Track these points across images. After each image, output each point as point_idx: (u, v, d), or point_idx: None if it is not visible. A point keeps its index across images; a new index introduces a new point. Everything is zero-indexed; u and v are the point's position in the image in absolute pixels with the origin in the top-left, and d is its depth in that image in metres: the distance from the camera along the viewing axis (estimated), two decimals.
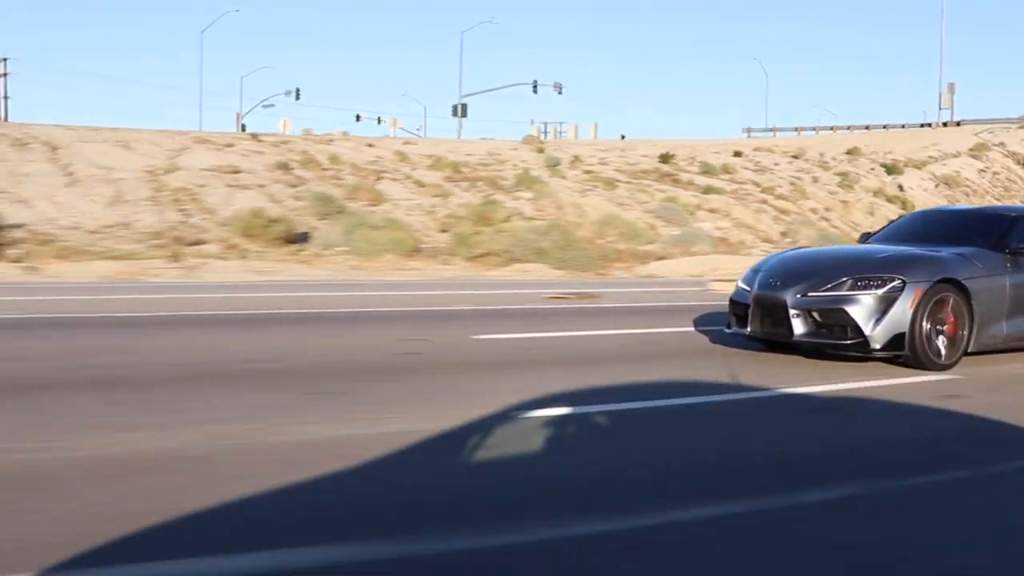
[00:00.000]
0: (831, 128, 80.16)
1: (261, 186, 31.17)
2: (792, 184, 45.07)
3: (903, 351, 8.16)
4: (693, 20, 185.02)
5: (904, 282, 8.21)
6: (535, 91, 69.58)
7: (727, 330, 9.33)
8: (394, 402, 6.59)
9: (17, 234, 21.97)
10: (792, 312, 8.44)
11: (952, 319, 8.35)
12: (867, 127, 76.80)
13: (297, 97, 76.05)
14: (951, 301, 8.33)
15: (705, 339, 10.20)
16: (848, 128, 78.51)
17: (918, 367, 8.17)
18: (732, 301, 9.25)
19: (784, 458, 5.26)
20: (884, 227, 10.73)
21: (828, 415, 6.53)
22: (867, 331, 8.14)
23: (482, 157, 42.58)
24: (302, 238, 24.43)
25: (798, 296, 8.46)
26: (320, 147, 39.75)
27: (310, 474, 4.59)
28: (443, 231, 26.90)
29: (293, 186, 31.58)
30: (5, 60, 60.82)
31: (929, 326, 8.22)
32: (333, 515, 4.07)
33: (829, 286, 8.41)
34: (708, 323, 11.24)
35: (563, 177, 39.28)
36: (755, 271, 9.27)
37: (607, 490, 4.53)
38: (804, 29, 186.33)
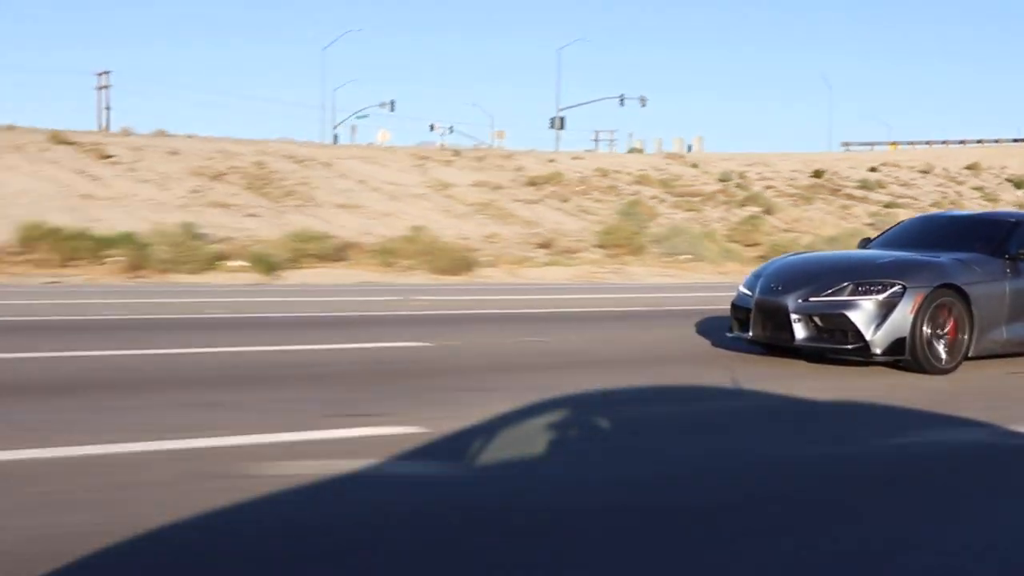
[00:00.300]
0: (928, 143, 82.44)
1: (534, 202, 33.97)
2: (945, 198, 46.46)
3: (904, 356, 8.24)
4: (756, 38, 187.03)
5: (904, 287, 8.29)
6: (622, 104, 71.08)
7: (729, 334, 9.39)
8: None
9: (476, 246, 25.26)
10: (794, 317, 8.52)
11: (952, 324, 8.43)
12: (962, 142, 78.78)
13: (392, 108, 77.41)
14: (951, 306, 8.41)
15: None
16: (944, 143, 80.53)
17: (919, 371, 8.25)
18: (734, 305, 9.32)
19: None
20: (884, 232, 10.82)
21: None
22: (868, 336, 8.22)
23: (652, 172, 43.78)
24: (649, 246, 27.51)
25: (799, 301, 8.54)
26: (510, 161, 41.16)
27: None
28: (734, 241, 30.18)
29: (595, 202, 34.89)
30: (107, 73, 62.87)
31: (929, 331, 8.30)
32: None
33: (830, 291, 8.49)
34: None
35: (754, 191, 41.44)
36: (757, 276, 9.35)
37: None
38: (862, 48, 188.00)
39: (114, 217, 23.70)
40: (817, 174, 46.97)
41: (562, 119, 70.16)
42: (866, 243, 10.54)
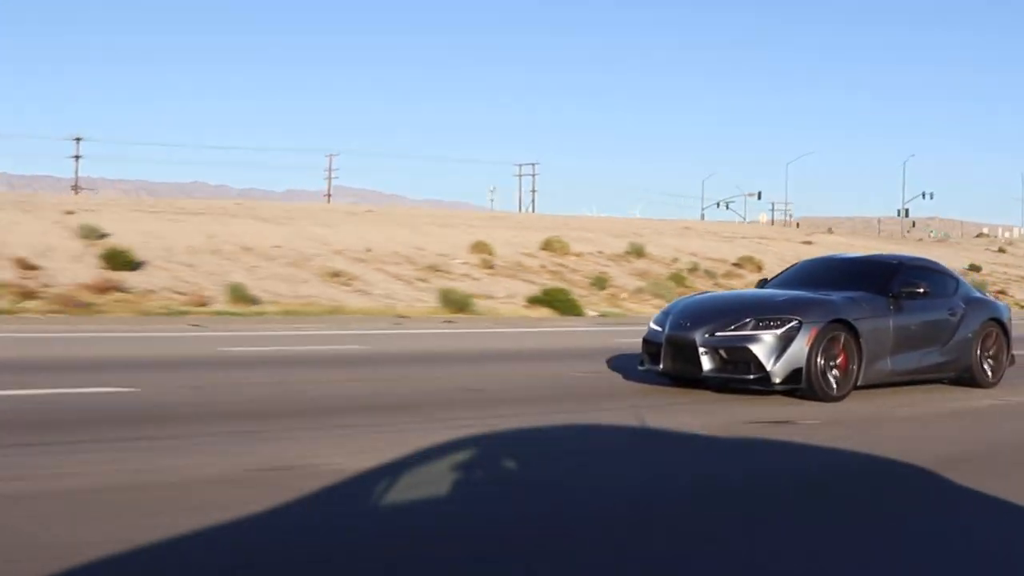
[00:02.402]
0: None
1: None
2: None
3: (800, 385, 8.97)
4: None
5: (801, 322, 9.05)
6: None
7: (640, 367, 10.01)
8: None
9: None
10: (701, 350, 9.18)
11: (843, 356, 9.21)
12: None
13: (759, 198, 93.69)
14: (843, 339, 9.20)
15: None
16: None
17: (813, 399, 8.98)
18: (645, 341, 9.94)
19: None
20: (780, 273, 11.65)
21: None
22: (768, 367, 8.93)
23: None
24: None
25: (706, 336, 9.21)
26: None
27: None
28: None
29: None
30: (534, 164, 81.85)
31: (823, 362, 9.05)
32: None
33: (734, 326, 9.19)
34: None
35: None
36: (666, 313, 10.01)
37: None
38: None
39: None
40: None
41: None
42: (763, 283, 11.34)
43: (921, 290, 9.92)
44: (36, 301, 18.15)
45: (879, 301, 9.74)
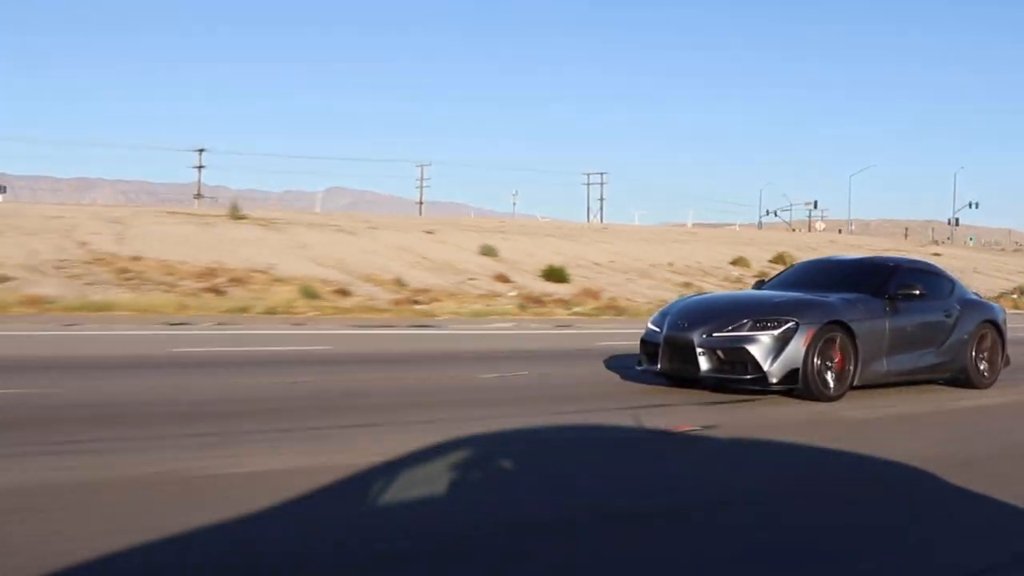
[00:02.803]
0: None
1: None
2: None
3: (797, 385, 9.07)
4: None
5: (798, 323, 9.14)
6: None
7: (638, 367, 10.10)
8: None
9: None
10: (699, 351, 9.27)
11: (840, 356, 9.31)
12: None
13: (815, 207, 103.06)
14: (839, 340, 9.29)
15: None
16: None
17: (810, 399, 9.08)
18: (643, 341, 10.03)
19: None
20: (778, 274, 11.74)
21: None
22: (765, 367, 9.02)
23: None
24: None
25: (704, 336, 9.30)
26: None
27: None
28: None
29: None
30: (603, 174, 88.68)
31: (820, 362, 9.15)
32: None
33: (732, 327, 9.28)
34: None
35: None
36: (663, 314, 10.10)
37: None
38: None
39: None
40: None
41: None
42: (760, 284, 11.44)
43: (917, 292, 10.03)
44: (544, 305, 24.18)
45: (875, 303, 9.83)
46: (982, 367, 10.79)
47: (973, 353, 10.67)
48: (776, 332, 9.12)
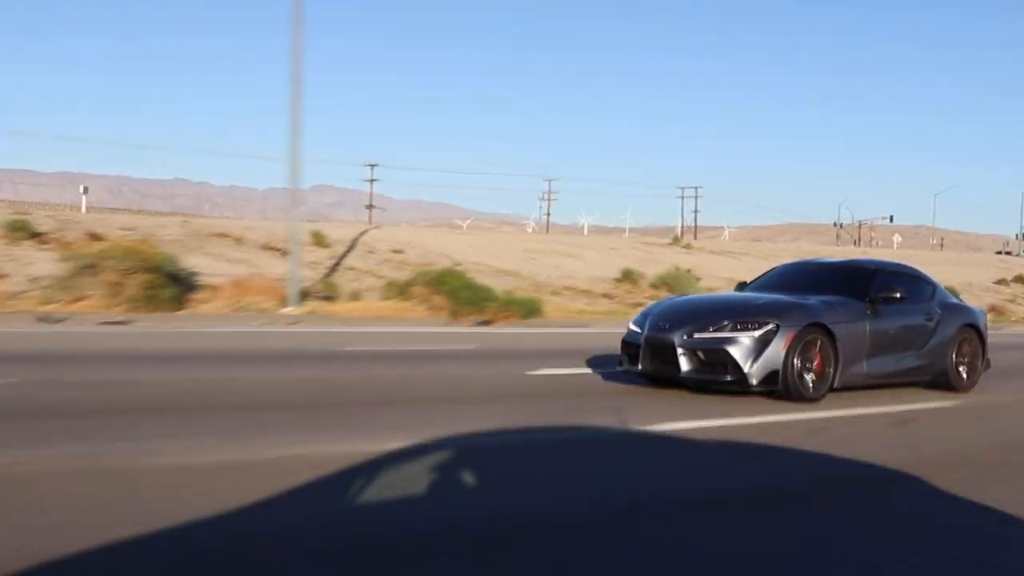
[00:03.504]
0: None
1: None
2: None
3: (777, 386, 9.06)
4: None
5: (778, 325, 9.13)
6: None
7: (619, 367, 10.07)
8: None
9: None
10: (679, 351, 9.25)
11: (820, 358, 9.31)
12: None
13: (891, 221, 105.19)
14: (819, 343, 9.29)
15: None
16: None
17: (790, 400, 9.07)
18: (624, 342, 10.00)
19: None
20: (759, 277, 11.73)
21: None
22: (746, 368, 9.02)
23: None
24: None
25: (685, 337, 9.29)
26: None
27: None
28: None
29: None
30: (697, 188, 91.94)
31: (800, 364, 9.15)
32: None
33: (713, 328, 9.26)
34: None
35: None
36: (645, 315, 10.07)
37: None
38: None
39: None
40: None
41: None
42: (742, 286, 11.42)
43: (898, 295, 10.05)
44: None
45: (856, 305, 9.84)
46: (962, 370, 10.82)
47: (953, 356, 10.70)
48: (756, 334, 9.11)
